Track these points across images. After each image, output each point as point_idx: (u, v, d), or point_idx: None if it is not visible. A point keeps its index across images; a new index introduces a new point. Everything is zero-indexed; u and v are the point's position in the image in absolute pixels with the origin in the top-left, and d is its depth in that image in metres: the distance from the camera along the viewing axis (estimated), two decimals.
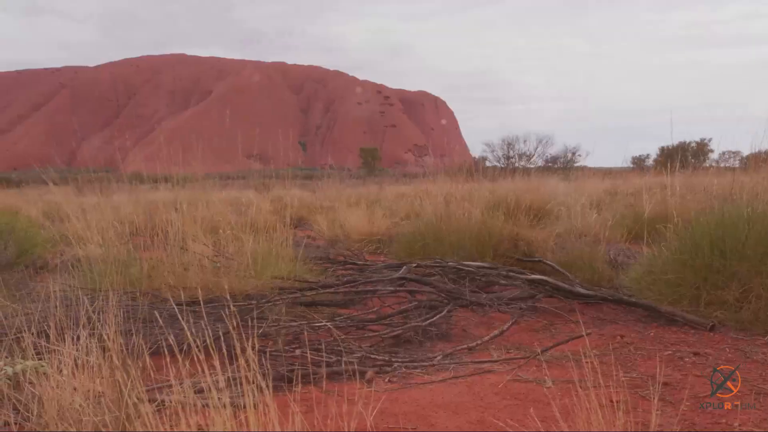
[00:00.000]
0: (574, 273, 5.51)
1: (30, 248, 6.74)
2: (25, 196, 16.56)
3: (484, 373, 3.35)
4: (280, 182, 17.08)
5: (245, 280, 4.72)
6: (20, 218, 7.47)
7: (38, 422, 2.21)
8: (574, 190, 12.27)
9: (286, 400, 2.72)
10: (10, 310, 3.65)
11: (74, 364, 2.37)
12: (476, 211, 6.81)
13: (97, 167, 9.42)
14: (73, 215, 6.01)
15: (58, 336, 2.44)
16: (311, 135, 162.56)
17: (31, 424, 2.21)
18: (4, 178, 30.30)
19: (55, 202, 12.73)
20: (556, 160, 33.65)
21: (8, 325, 3.01)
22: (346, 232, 9.07)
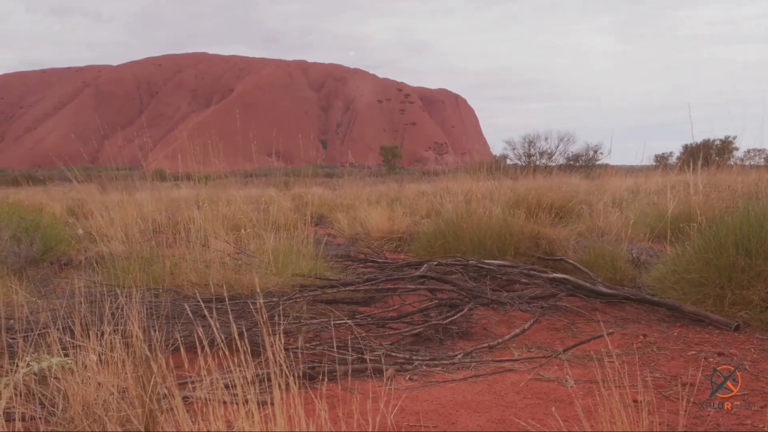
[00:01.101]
0: (596, 272, 5.47)
1: (55, 245, 6.82)
2: (49, 194, 16.77)
3: (505, 372, 3.33)
4: (301, 180, 17.16)
5: (266, 277, 4.75)
6: (45, 215, 7.56)
7: (63, 417, 2.24)
8: (596, 189, 12.19)
9: (308, 397, 2.73)
10: (35, 306, 3.70)
11: (98, 360, 2.40)
12: (497, 209, 6.78)
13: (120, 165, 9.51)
14: (97, 212, 6.08)
15: (83, 332, 2.47)
16: (331, 133, 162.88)
17: (57, 419, 2.24)
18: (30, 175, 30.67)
19: (79, 199, 12.89)
20: (577, 158, 33.34)
21: (34, 320, 3.05)
22: (366, 230, 9.07)
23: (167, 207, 7.37)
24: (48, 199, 14.47)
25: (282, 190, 15.25)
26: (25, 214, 6.81)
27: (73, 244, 7.53)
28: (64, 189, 17.34)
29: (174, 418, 2.00)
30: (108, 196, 9.01)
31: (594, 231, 6.88)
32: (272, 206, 6.81)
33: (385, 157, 68.85)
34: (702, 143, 28.11)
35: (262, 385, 2.69)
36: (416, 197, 14.24)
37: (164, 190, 9.72)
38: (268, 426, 1.84)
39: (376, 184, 22.19)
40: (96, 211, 6.22)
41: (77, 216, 11.26)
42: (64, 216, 10.98)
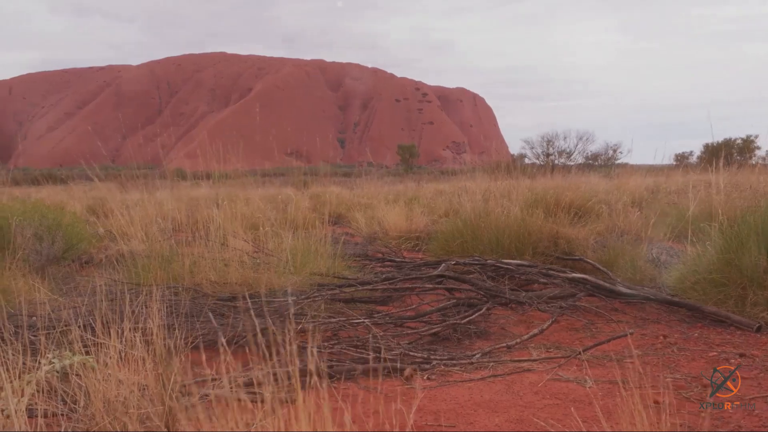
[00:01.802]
0: (615, 272, 5.43)
1: (76, 243, 6.89)
2: (70, 192, 16.94)
3: (524, 372, 3.32)
4: (319, 179, 17.20)
5: (284, 276, 4.77)
6: (66, 214, 7.63)
7: (85, 413, 2.26)
8: (615, 188, 12.09)
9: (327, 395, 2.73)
10: (57, 303, 3.74)
11: (119, 357, 2.42)
12: (515, 208, 6.76)
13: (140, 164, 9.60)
14: (117, 211, 6.13)
15: (104, 330, 2.50)
16: (349, 132, 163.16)
17: (78, 416, 2.27)
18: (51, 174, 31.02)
19: (99, 198, 13.01)
20: (596, 157, 33.12)
21: (56, 318, 3.09)
22: (384, 229, 9.07)
23: (187, 206, 7.42)
24: (69, 198, 14.62)
25: (300, 189, 15.30)
26: (46, 212, 6.88)
27: (93, 243, 7.60)
28: (85, 188, 17.50)
29: (194, 415, 2.02)
30: (128, 195, 9.08)
31: (613, 230, 6.83)
32: (290, 205, 6.83)
33: (402, 156, 68.82)
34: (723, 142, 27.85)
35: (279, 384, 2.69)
36: (434, 196, 14.20)
37: (184, 189, 9.78)
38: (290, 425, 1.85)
39: (394, 183, 22.19)
40: (116, 209, 6.28)
41: (98, 215, 11.37)
42: (84, 215, 11.09)
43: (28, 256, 5.91)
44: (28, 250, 6.01)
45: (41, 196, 13.31)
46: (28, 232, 6.21)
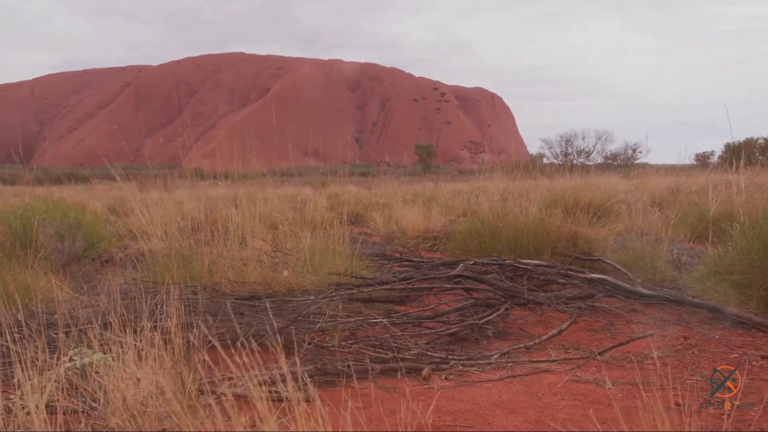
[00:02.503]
0: (634, 272, 5.38)
1: (96, 242, 6.94)
2: (91, 192, 17.09)
3: (542, 373, 3.30)
4: (336, 179, 17.21)
5: (303, 275, 4.77)
6: (87, 213, 7.70)
7: (104, 411, 2.28)
8: (634, 188, 12.00)
9: (342, 395, 2.73)
10: (78, 302, 3.78)
11: (138, 356, 2.43)
12: (533, 208, 6.72)
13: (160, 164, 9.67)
14: (137, 210, 6.18)
15: (123, 328, 2.51)
16: (367, 132, 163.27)
17: (97, 413, 2.28)
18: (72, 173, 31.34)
19: (119, 197, 13.13)
20: (616, 157, 32.87)
21: (77, 316, 3.11)
22: (401, 229, 9.06)
23: (205, 205, 7.46)
24: (90, 197, 14.75)
25: (318, 189, 15.34)
26: (68, 211, 6.94)
27: (114, 242, 7.67)
28: (105, 187, 17.67)
29: (211, 414, 2.02)
30: (148, 194, 9.15)
31: (633, 231, 6.76)
32: (308, 205, 6.84)
33: (420, 156, 68.78)
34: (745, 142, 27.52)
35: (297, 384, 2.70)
36: (452, 196, 14.17)
37: (202, 189, 9.84)
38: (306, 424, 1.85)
39: (412, 183, 22.18)
40: (136, 209, 6.32)
41: (118, 214, 11.46)
42: (105, 214, 11.19)
43: (50, 255, 5.96)
44: (50, 249, 6.07)
45: (63, 196, 13.43)
46: (50, 230, 6.27)
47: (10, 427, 2.00)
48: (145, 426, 2.17)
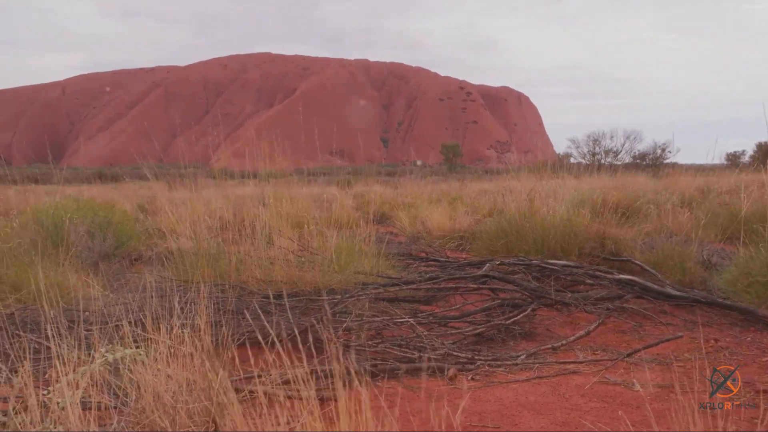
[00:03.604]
0: (664, 273, 5.32)
1: (126, 241, 7.04)
2: (121, 191, 17.32)
3: (570, 374, 3.28)
4: (362, 178, 17.23)
5: (329, 274, 4.79)
6: (117, 212, 7.81)
7: (135, 407, 2.31)
8: (663, 188, 11.86)
9: (371, 394, 2.74)
10: (109, 299, 3.84)
11: (168, 353, 2.47)
12: (561, 208, 6.67)
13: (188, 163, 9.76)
14: (165, 209, 6.25)
15: (154, 325, 2.55)
16: (392, 131, 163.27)
17: (129, 409, 2.32)
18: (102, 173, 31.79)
19: (148, 196, 13.29)
20: (644, 157, 32.39)
21: (108, 313, 3.16)
22: (427, 228, 9.05)
23: (233, 204, 7.51)
24: (119, 196, 14.93)
25: (344, 188, 15.36)
26: (98, 210, 7.05)
27: (143, 240, 7.77)
28: (135, 186, 17.90)
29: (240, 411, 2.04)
30: (176, 193, 9.25)
31: (662, 231, 6.68)
32: (334, 204, 6.86)
33: (446, 155, 68.59)
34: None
35: (324, 381, 2.71)
36: (478, 196, 14.12)
37: (230, 188, 9.91)
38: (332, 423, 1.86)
39: (437, 182, 22.13)
40: (165, 207, 6.40)
41: (147, 212, 11.61)
42: (134, 212, 11.34)
43: (81, 253, 6.06)
44: (81, 247, 6.17)
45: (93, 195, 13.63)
46: (80, 229, 6.37)
47: (47, 423, 2.04)
48: (176, 422, 2.20)
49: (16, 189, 9.99)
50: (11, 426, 2.05)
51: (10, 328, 3.14)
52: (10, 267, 4.80)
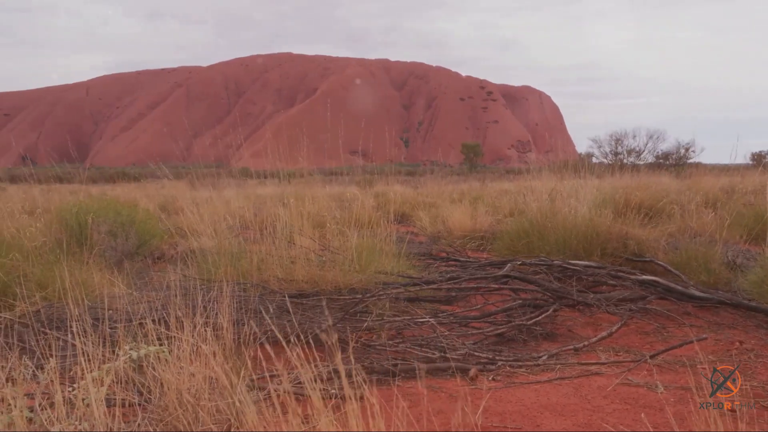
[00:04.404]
0: (687, 274, 5.26)
1: (148, 239, 7.10)
2: (143, 190, 17.48)
3: (592, 375, 3.26)
4: (383, 178, 17.23)
5: (350, 274, 4.80)
6: (139, 211, 7.88)
7: (158, 404, 2.33)
8: (687, 188, 11.73)
9: (391, 393, 2.75)
10: (132, 297, 3.88)
11: (191, 351, 2.49)
12: (583, 208, 6.62)
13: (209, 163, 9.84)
14: (187, 209, 6.30)
15: (177, 323, 2.57)
16: (413, 131, 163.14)
17: (153, 406, 2.34)
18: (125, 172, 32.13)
19: (170, 195, 13.39)
20: (667, 157, 32.01)
21: (132, 311, 3.20)
22: (448, 228, 9.04)
23: (254, 204, 7.56)
24: (142, 196, 15.07)
25: (364, 188, 15.37)
26: (121, 209, 7.12)
27: (165, 239, 7.83)
28: (157, 186, 18.04)
29: (261, 410, 2.06)
30: (197, 192, 9.32)
31: (686, 232, 6.61)
32: (355, 204, 6.87)
33: (466, 155, 68.35)
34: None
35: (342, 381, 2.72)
36: (498, 196, 14.07)
37: (251, 187, 9.97)
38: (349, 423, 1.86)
39: (458, 182, 22.09)
40: (186, 207, 6.45)
41: (169, 212, 11.71)
42: (156, 212, 11.43)
43: (104, 252, 6.13)
44: (104, 246, 6.24)
45: (116, 194, 13.78)
46: (103, 228, 6.44)
47: (72, 419, 2.07)
48: (198, 420, 2.22)
49: (41, 188, 10.13)
50: (38, 422, 2.07)
51: (37, 326, 3.19)
52: (35, 265, 4.87)
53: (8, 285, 4.40)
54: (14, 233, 5.47)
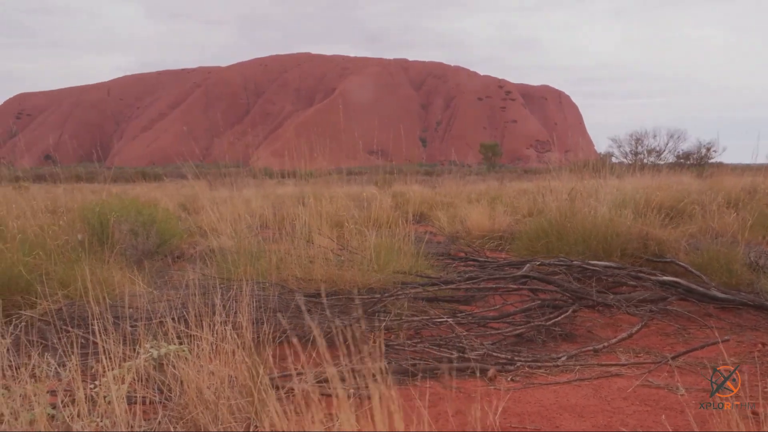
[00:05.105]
0: (709, 275, 5.20)
1: (169, 239, 7.15)
2: (163, 190, 17.62)
3: (611, 377, 3.23)
4: (401, 178, 17.23)
5: (368, 274, 4.81)
6: (160, 210, 7.94)
7: (179, 402, 2.35)
8: (709, 188, 11.61)
9: (409, 393, 2.75)
10: (152, 296, 3.91)
11: (211, 350, 2.50)
12: (603, 208, 6.57)
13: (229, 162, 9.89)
14: (207, 208, 6.34)
15: (197, 322, 2.59)
16: (431, 130, 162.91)
17: (173, 404, 2.36)
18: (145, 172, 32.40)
19: (190, 195, 13.49)
20: (689, 156, 31.67)
21: (152, 310, 3.23)
22: (466, 228, 9.02)
23: (273, 203, 7.59)
24: (162, 195, 15.18)
25: (382, 188, 15.38)
26: (141, 209, 7.17)
27: (185, 238, 7.89)
28: (177, 185, 18.18)
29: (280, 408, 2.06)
30: (217, 192, 9.38)
31: (707, 232, 6.55)
32: (373, 203, 6.87)
33: (485, 155, 68.14)
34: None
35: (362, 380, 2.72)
36: (517, 196, 14.01)
37: (270, 187, 10.01)
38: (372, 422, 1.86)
39: (476, 182, 22.03)
40: (206, 206, 6.49)
41: (188, 211, 11.79)
42: (176, 211, 11.51)
43: (125, 251, 6.19)
44: (125, 245, 6.29)
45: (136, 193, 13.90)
46: (125, 227, 6.50)
47: (94, 416, 2.09)
48: (218, 418, 2.23)
49: (63, 187, 10.24)
50: (60, 418, 2.10)
51: (59, 323, 3.22)
52: (57, 264, 4.93)
53: (31, 283, 4.46)
54: (37, 232, 5.54)
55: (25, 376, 2.17)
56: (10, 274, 4.54)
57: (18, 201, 6.82)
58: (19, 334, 2.88)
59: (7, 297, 4.26)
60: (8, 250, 4.74)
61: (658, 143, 32.47)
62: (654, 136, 32.53)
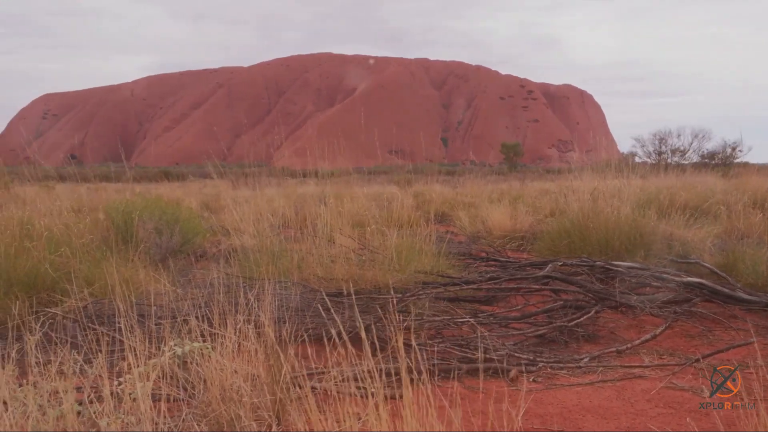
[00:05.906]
0: (734, 276, 5.14)
1: (192, 237, 7.21)
2: (186, 189, 17.77)
3: (635, 379, 3.21)
4: (422, 177, 17.23)
5: (389, 273, 4.81)
6: (183, 209, 8.00)
7: (202, 400, 2.37)
8: (734, 188, 11.46)
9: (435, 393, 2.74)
10: (176, 294, 3.95)
11: (234, 348, 2.52)
12: (626, 208, 6.52)
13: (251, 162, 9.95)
14: (229, 207, 6.39)
15: (220, 320, 2.61)
16: (452, 130, 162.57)
17: (197, 402, 2.38)
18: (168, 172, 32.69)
19: (213, 194, 13.59)
20: (713, 156, 31.31)
21: (176, 308, 3.26)
22: (487, 228, 8.99)
23: (294, 203, 7.62)
24: (185, 194, 15.32)
25: (403, 188, 15.39)
26: (165, 208, 7.24)
27: (208, 237, 7.95)
28: (199, 185, 18.33)
29: (303, 407, 2.07)
30: (239, 191, 9.45)
31: (733, 233, 6.48)
32: (394, 203, 6.88)
33: (506, 154, 67.83)
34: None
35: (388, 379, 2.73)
36: (539, 195, 13.94)
37: (291, 186, 10.06)
38: (396, 421, 1.87)
39: (498, 182, 21.96)
40: (229, 205, 6.54)
41: (211, 210, 11.89)
42: (199, 210, 11.61)
43: (149, 249, 6.25)
44: (149, 244, 6.35)
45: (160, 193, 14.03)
46: (149, 226, 6.57)
47: (120, 412, 2.12)
48: (241, 416, 2.25)
49: (87, 187, 10.38)
50: (86, 415, 2.13)
51: (85, 321, 3.27)
52: (83, 262, 4.99)
53: (56, 281, 4.52)
54: (63, 230, 5.61)
55: (52, 372, 2.20)
56: (37, 272, 4.60)
57: (44, 200, 6.91)
58: (47, 331, 2.93)
59: (33, 294, 4.32)
60: (35, 248, 4.81)
61: (682, 143, 32.17)
62: (678, 136, 32.23)
